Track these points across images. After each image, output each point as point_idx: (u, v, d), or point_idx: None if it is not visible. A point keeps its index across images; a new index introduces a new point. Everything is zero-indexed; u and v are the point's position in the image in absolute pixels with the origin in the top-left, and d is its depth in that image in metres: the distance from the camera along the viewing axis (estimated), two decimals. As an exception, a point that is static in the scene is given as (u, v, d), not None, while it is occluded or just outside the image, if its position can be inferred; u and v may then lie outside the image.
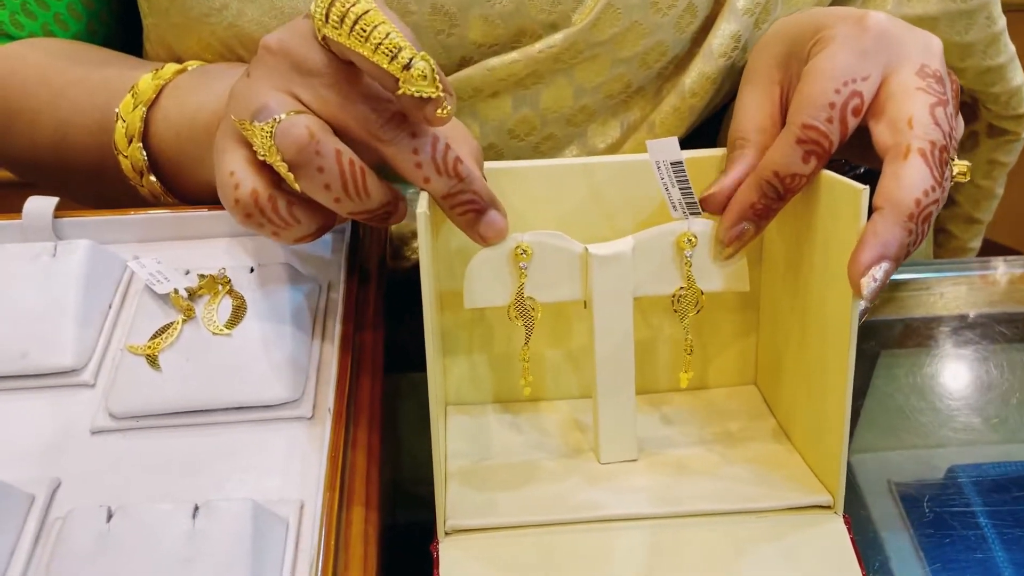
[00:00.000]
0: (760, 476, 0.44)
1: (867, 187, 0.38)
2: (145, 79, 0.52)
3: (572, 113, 0.58)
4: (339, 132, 0.40)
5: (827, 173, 0.41)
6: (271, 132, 0.38)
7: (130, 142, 0.51)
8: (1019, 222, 1.13)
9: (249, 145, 0.41)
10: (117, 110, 0.52)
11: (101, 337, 0.46)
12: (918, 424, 0.53)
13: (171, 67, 0.53)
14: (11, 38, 0.58)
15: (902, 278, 0.64)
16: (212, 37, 0.54)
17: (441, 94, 0.37)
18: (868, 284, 0.37)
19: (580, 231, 0.43)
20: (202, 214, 0.52)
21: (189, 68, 0.53)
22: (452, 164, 0.39)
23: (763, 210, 0.42)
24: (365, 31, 0.36)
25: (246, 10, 0.52)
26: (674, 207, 0.43)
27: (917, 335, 0.60)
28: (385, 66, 0.36)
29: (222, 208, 0.51)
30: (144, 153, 0.51)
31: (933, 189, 0.37)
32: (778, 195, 0.41)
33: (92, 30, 0.60)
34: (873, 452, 0.52)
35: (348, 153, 0.39)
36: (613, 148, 0.59)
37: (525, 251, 0.42)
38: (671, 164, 0.41)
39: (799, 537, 0.41)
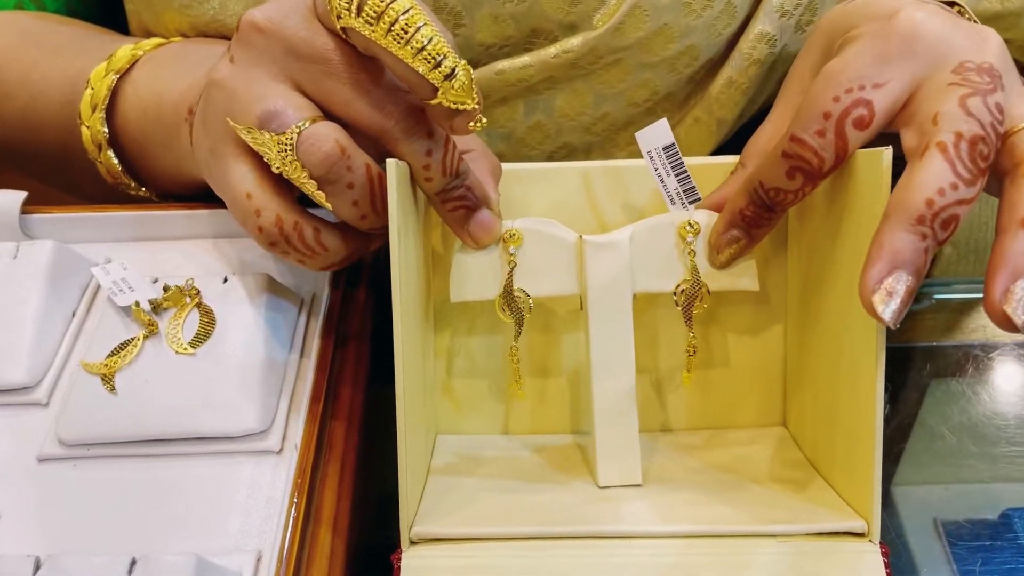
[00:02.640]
0: (783, 500, 0.39)
1: (890, 147, 0.33)
2: (124, 48, 0.48)
3: (591, 121, 0.52)
4: (345, 127, 0.36)
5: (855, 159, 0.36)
6: (291, 145, 0.34)
7: (94, 111, 0.47)
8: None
9: (255, 154, 0.37)
10: (88, 77, 0.47)
11: (60, 350, 0.42)
12: (970, 460, 0.48)
13: (153, 40, 0.49)
14: None
15: (961, 297, 0.58)
16: (192, 30, 0.49)
17: (476, 106, 0.34)
18: (883, 300, 0.32)
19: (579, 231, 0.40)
20: (182, 214, 0.47)
21: (172, 42, 0.49)
22: (456, 163, 0.37)
23: (753, 218, 0.37)
24: (406, 32, 0.32)
25: (229, 3, 0.48)
26: (671, 200, 0.40)
27: (976, 363, 0.54)
28: (426, 74, 0.33)
29: (202, 208, 0.47)
30: (105, 125, 0.47)
31: (955, 187, 0.32)
32: (766, 206, 0.37)
33: (71, 10, 0.56)
34: (918, 487, 0.47)
35: (375, 166, 0.36)
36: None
37: (514, 235, 0.39)
38: (663, 149, 0.38)
39: (826, 566, 0.36)
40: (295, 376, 0.41)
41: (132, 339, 0.40)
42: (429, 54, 0.32)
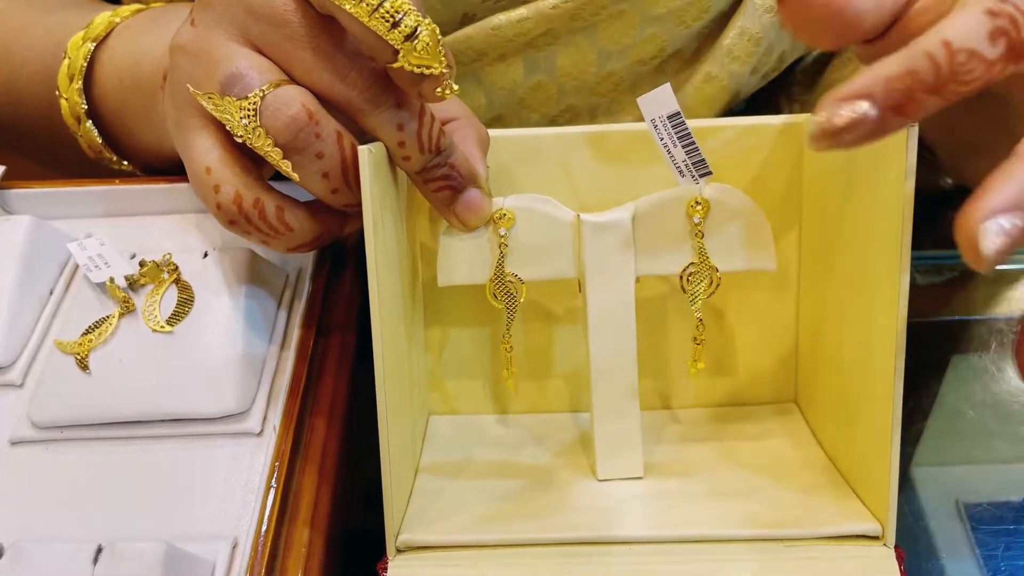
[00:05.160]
0: (793, 499, 0.37)
1: (915, 124, 0.30)
2: (102, 16, 0.46)
3: (596, 81, 0.49)
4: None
5: None
6: (254, 110, 0.32)
7: (71, 81, 0.45)
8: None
9: (220, 125, 0.34)
10: (66, 47, 0.45)
11: (36, 329, 0.40)
12: (993, 439, 0.46)
13: (132, 7, 0.47)
14: None
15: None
16: None
17: (445, 70, 0.31)
18: (988, 235, 0.25)
19: (580, 208, 0.37)
20: (165, 188, 0.45)
21: (152, 7, 0.47)
22: (436, 138, 0.34)
23: (902, 94, 0.27)
24: None
25: None
26: (680, 172, 0.36)
27: (999, 337, 0.52)
28: (383, 35, 0.30)
29: (186, 182, 0.45)
30: (83, 96, 0.45)
31: None
32: (936, 78, 0.27)
33: None
34: (939, 468, 0.45)
35: (348, 135, 0.33)
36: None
37: (505, 215, 0.37)
38: (668, 118, 0.35)
39: (839, 572, 0.34)
40: (277, 355, 0.39)
41: (107, 317, 0.38)
42: (387, 12, 0.30)
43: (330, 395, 0.38)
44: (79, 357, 0.37)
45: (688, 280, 0.37)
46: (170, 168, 0.45)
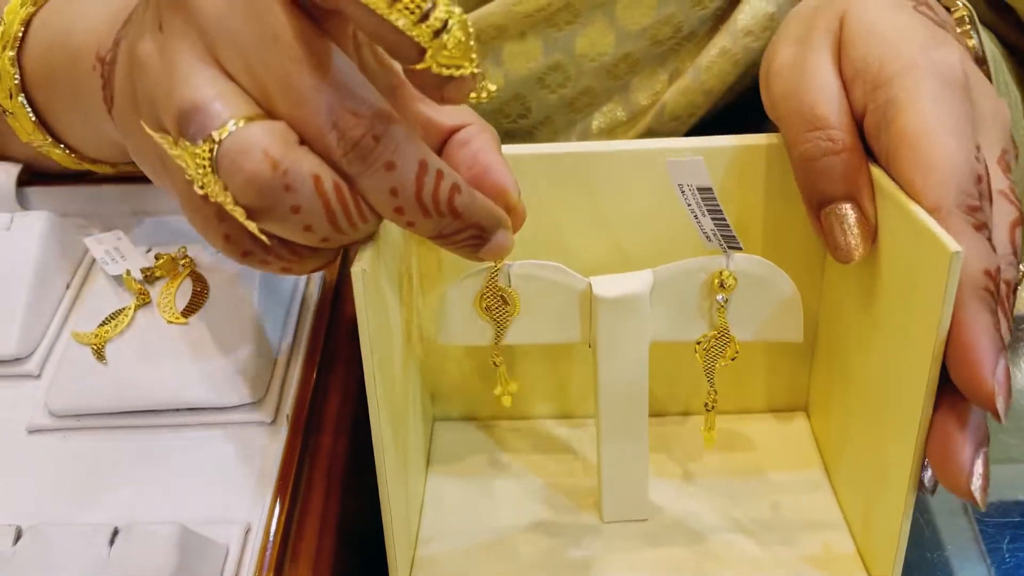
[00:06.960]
0: (799, 553, 0.37)
1: (961, 250, 0.28)
2: None
3: (613, 62, 0.50)
4: None
5: (923, 217, 0.30)
6: (209, 160, 0.26)
7: (3, 49, 0.40)
8: None
9: None
10: (3, 12, 0.41)
11: (53, 322, 0.41)
12: (999, 435, 0.46)
13: None
14: None
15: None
16: None
17: (476, 70, 0.26)
18: (978, 485, 0.29)
19: (583, 232, 0.37)
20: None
21: None
22: (447, 199, 0.28)
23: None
24: None
25: None
26: (707, 237, 0.34)
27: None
28: (408, 30, 0.24)
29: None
30: (16, 66, 0.40)
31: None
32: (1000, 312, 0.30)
33: None
34: None
35: (329, 175, 0.27)
36: (656, 102, 0.52)
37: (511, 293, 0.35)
38: (698, 190, 0.33)
39: None
40: (290, 346, 0.39)
41: (123, 309, 0.39)
42: (411, 2, 0.24)
43: (342, 384, 0.38)
44: (96, 348, 0.38)
45: (706, 351, 0.36)
46: (107, 157, 0.43)
